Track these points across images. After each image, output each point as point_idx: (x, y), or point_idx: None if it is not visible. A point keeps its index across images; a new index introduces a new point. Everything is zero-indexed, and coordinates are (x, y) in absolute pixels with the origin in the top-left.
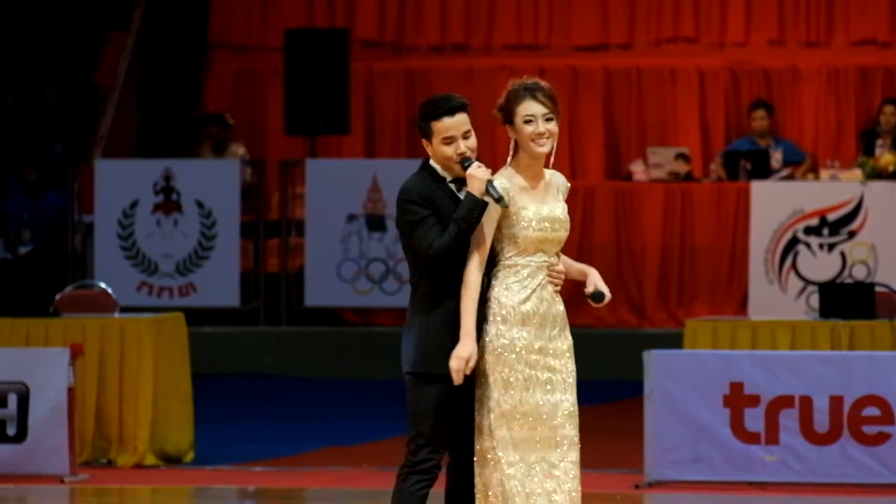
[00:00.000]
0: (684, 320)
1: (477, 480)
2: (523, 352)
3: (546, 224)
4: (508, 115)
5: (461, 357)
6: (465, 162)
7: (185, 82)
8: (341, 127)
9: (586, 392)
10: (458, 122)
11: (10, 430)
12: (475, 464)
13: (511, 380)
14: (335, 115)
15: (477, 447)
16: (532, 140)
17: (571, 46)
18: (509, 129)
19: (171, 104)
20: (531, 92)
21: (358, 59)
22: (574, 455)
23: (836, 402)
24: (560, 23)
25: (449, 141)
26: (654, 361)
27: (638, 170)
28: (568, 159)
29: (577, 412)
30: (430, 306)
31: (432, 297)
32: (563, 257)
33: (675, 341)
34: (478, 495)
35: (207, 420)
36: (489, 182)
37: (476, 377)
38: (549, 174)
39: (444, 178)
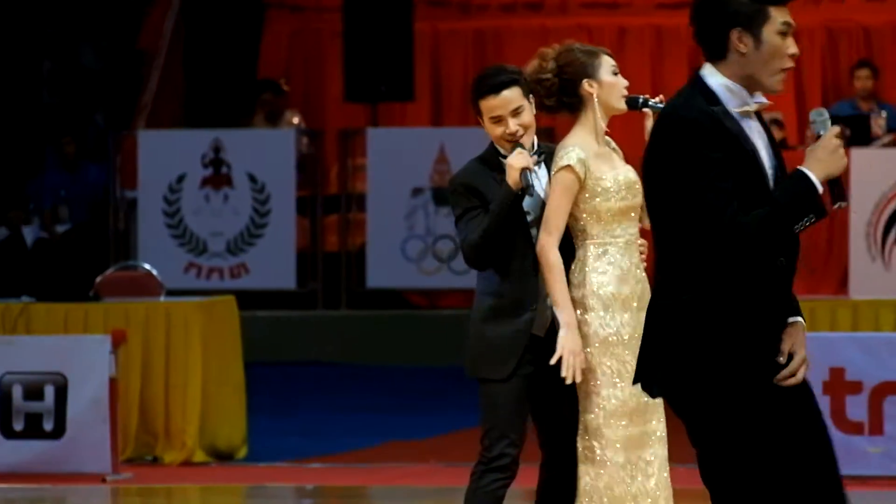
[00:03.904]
0: None
1: (583, 481)
2: (630, 341)
3: (625, 191)
4: (592, 70)
5: (574, 352)
6: (515, 146)
7: (235, 46)
8: (405, 93)
9: None
10: (503, 101)
11: (48, 425)
12: (580, 463)
13: (622, 372)
14: (398, 80)
15: (581, 446)
16: (622, 95)
17: (654, 4)
18: (587, 84)
19: (221, 70)
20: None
21: (423, 19)
22: (664, 450)
23: None
24: None
25: (497, 120)
26: None
27: None
28: None
29: (663, 403)
30: (475, 304)
31: (478, 293)
32: None
33: None
34: (583, 498)
35: (261, 412)
36: (524, 170)
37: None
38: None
39: (502, 163)
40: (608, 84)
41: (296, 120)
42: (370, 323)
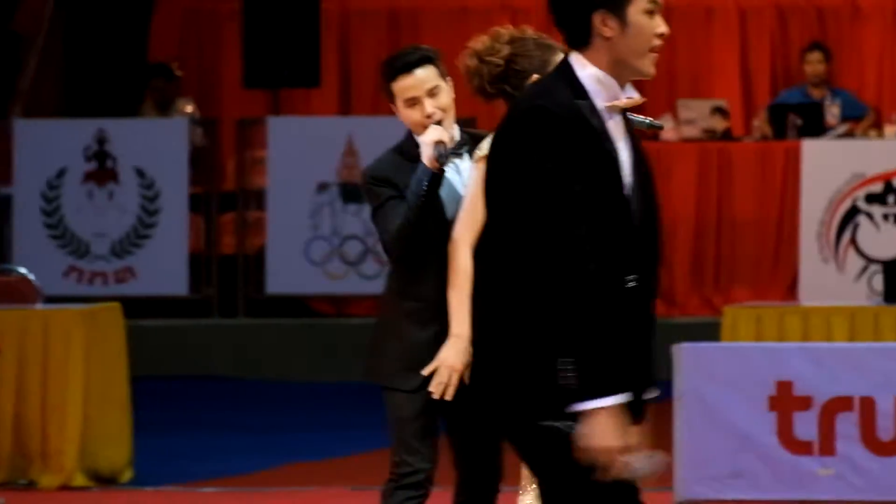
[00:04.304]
0: (722, 307)
1: None
2: None
3: None
4: (544, 67)
5: (452, 367)
6: None
7: (122, 26)
8: (310, 79)
9: None
10: (417, 80)
11: None
12: (522, 490)
13: None
14: (303, 64)
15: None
16: None
17: None
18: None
19: (106, 52)
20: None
21: None
22: None
23: None
24: None
25: (412, 103)
26: (686, 357)
27: (667, 126)
28: None
29: None
30: (385, 305)
31: (389, 293)
32: None
33: (711, 332)
34: None
35: (149, 431)
36: (437, 143)
37: None
38: None
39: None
40: None
41: (189, 108)
42: (270, 333)
